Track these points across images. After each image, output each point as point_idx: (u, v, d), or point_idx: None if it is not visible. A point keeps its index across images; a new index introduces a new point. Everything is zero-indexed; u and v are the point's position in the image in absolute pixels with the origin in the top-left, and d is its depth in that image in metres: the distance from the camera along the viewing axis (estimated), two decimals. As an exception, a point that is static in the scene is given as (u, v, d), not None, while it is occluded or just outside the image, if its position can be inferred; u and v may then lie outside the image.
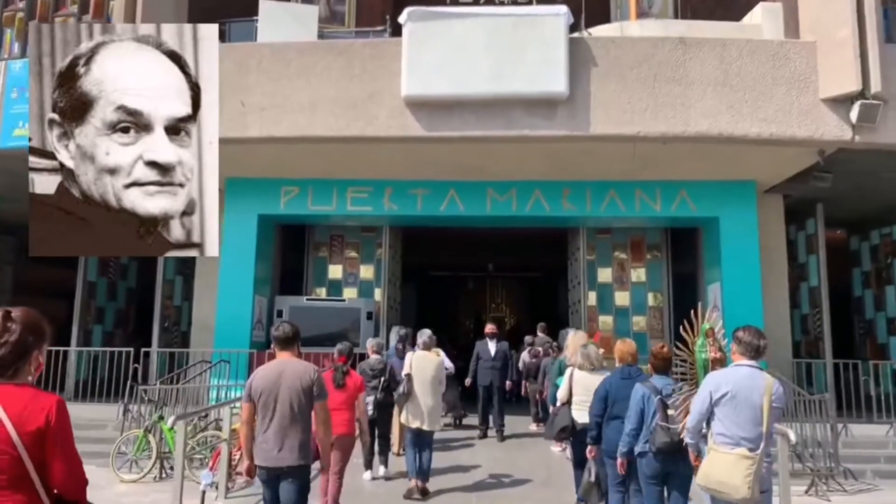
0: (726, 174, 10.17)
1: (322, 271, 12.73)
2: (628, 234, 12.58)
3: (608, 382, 5.19)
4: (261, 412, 4.15)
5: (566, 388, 6.09)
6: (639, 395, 4.50)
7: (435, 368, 6.87)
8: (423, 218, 10.98)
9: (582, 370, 5.99)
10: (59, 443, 2.09)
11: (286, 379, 4.13)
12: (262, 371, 4.26)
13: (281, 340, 4.32)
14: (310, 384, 4.16)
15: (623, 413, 4.89)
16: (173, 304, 12.21)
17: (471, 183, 10.53)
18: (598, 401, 5.13)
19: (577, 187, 10.50)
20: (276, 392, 4.10)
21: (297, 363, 4.25)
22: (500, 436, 9.32)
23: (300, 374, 4.16)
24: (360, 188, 10.66)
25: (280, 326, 4.43)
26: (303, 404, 4.13)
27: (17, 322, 2.15)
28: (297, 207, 10.71)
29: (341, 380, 5.79)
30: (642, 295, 12.46)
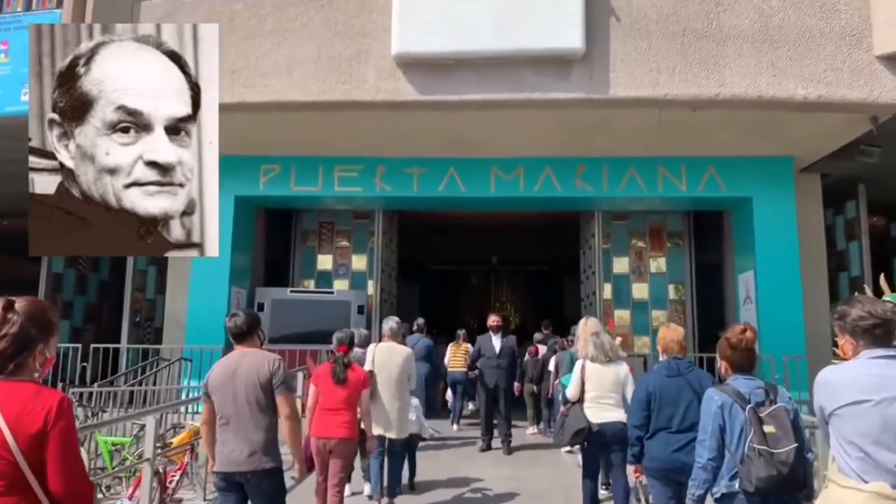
0: (761, 148, 9.00)
1: (310, 262, 11.64)
2: (647, 219, 11.47)
3: (650, 382, 4.02)
4: (218, 412, 3.70)
5: (577, 384, 5.23)
6: (715, 406, 2.97)
7: (402, 363, 5.71)
8: (419, 200, 9.83)
9: (594, 363, 5.18)
10: (58, 448, 1.92)
11: (242, 372, 3.68)
12: (217, 366, 3.82)
13: (235, 334, 3.81)
14: (268, 376, 3.66)
15: (671, 422, 3.83)
16: (145, 298, 11.11)
17: (472, 160, 9.39)
18: (639, 407, 4.02)
19: (592, 164, 9.35)
20: (233, 388, 3.66)
21: (254, 354, 3.76)
22: (506, 447, 8.01)
23: (257, 366, 3.68)
24: (348, 166, 9.53)
25: (232, 318, 3.85)
26: (262, 399, 3.65)
27: (18, 313, 2.01)
28: (278, 188, 9.58)
29: (342, 373, 4.88)
30: (662, 287, 11.35)
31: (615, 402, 5.12)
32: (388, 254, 11.47)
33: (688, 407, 3.81)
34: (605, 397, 5.12)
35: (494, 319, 8.50)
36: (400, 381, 5.66)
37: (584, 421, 5.06)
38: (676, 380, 3.88)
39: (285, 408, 3.66)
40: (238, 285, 9.86)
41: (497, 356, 8.18)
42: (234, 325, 3.78)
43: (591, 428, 5.05)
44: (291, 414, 3.69)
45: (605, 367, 5.18)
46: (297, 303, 10.06)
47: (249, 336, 3.80)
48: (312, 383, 4.98)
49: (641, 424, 3.96)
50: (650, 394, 3.94)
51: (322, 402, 4.87)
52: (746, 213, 9.40)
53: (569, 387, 5.45)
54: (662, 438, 3.84)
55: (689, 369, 3.93)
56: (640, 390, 4.02)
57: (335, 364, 4.93)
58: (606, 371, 5.17)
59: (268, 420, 3.64)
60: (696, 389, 3.82)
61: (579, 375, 5.24)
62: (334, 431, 4.76)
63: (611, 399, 5.12)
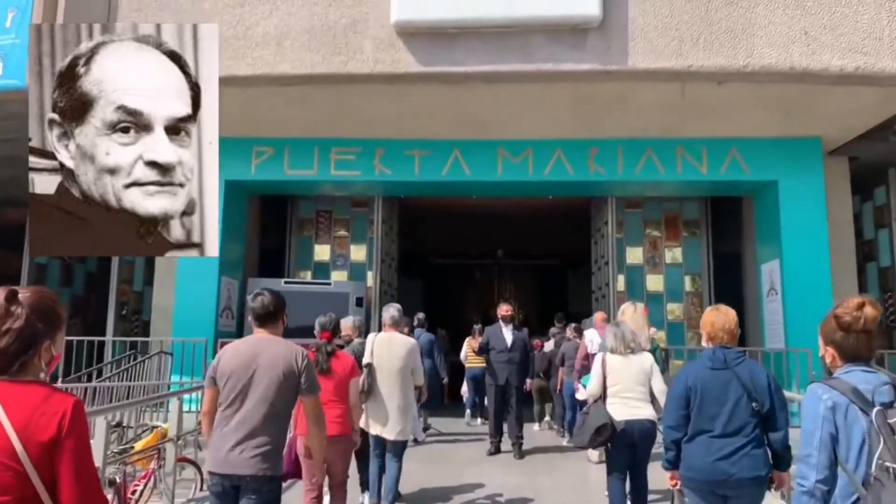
0: (787, 129, 8.39)
1: (307, 252, 11.06)
2: (662, 207, 10.87)
3: (690, 374, 3.36)
4: (224, 401, 3.22)
5: (597, 378, 4.83)
6: (823, 408, 2.13)
7: (404, 355, 5.11)
8: (421, 185, 9.23)
9: (615, 354, 4.79)
10: (73, 458, 1.72)
11: (264, 361, 3.23)
12: (232, 348, 3.34)
13: (259, 314, 3.35)
14: (295, 372, 3.24)
15: (714, 424, 3.19)
16: (132, 290, 10.53)
17: (478, 142, 8.79)
18: (675, 404, 3.36)
19: (606, 146, 8.74)
20: (249, 377, 3.20)
21: (279, 343, 3.31)
22: (517, 451, 7.18)
23: (284, 357, 3.24)
24: (345, 148, 8.93)
25: (257, 297, 3.39)
26: (283, 397, 3.23)
27: (23, 305, 1.80)
28: (271, 172, 8.99)
29: (326, 363, 4.39)
30: (678, 278, 10.75)
31: (641, 397, 4.70)
32: (388, 243, 10.88)
33: (735, 406, 3.19)
34: (629, 391, 4.69)
35: (505, 308, 7.62)
36: (402, 375, 5.07)
37: (605, 417, 4.61)
38: (722, 373, 3.23)
39: (312, 409, 3.34)
40: (229, 276, 9.29)
41: (508, 349, 7.32)
42: (259, 305, 3.33)
43: (614, 425, 4.60)
44: (317, 416, 3.36)
45: (626, 358, 4.77)
46: (291, 294, 9.25)
47: (274, 320, 3.35)
48: None
49: (678, 425, 3.32)
50: (689, 389, 3.28)
51: None
52: (771, 199, 8.78)
53: (589, 383, 4.99)
54: (703, 444, 3.21)
55: (738, 360, 3.27)
56: (678, 384, 3.37)
57: (318, 353, 4.40)
58: (629, 363, 4.76)
59: (281, 421, 3.27)
60: (746, 385, 3.20)
61: (600, 369, 4.82)
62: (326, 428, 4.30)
63: (636, 393, 4.69)
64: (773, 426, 3.19)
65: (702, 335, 3.48)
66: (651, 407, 4.73)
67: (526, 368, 7.52)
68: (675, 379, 3.42)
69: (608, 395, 4.75)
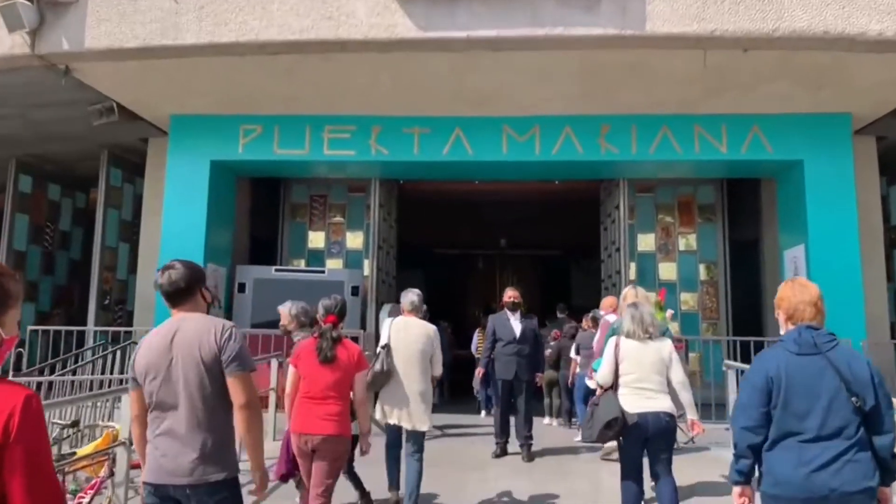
0: (814, 103, 7.78)
1: (300, 239, 10.51)
2: (675, 191, 10.30)
3: (771, 362, 2.64)
4: (150, 402, 2.70)
5: (609, 365, 4.36)
6: None
7: (424, 339, 4.81)
8: (420, 166, 8.64)
9: (631, 339, 4.32)
10: (24, 468, 1.44)
11: (180, 346, 2.67)
12: (146, 341, 2.80)
13: (168, 292, 2.75)
14: (213, 349, 2.65)
15: (805, 424, 2.52)
16: (116, 278, 9.97)
17: (481, 119, 8.19)
18: (753, 399, 2.63)
19: (619, 123, 8.13)
20: (168, 368, 2.67)
21: (195, 320, 2.73)
22: (526, 452, 6.43)
23: (198, 336, 2.67)
24: (339, 126, 8.34)
25: (165, 272, 2.77)
26: (208, 383, 2.65)
27: None
28: (259, 151, 8.40)
29: (330, 350, 3.88)
30: (692, 266, 10.19)
31: (658, 387, 4.26)
32: (387, 229, 10.30)
33: (832, 401, 2.52)
34: (645, 381, 4.24)
35: (511, 294, 6.76)
36: (421, 360, 4.78)
37: (616, 409, 4.17)
38: (813, 359, 2.57)
39: (240, 394, 2.65)
40: (216, 263, 8.72)
41: (517, 340, 6.53)
42: (167, 281, 2.72)
43: (625, 418, 4.15)
44: (248, 401, 2.67)
45: (644, 344, 4.29)
46: (282, 283, 8.90)
47: (189, 295, 2.75)
48: (292, 363, 4.01)
49: (757, 426, 2.61)
50: (771, 380, 2.59)
51: (305, 388, 3.90)
52: (796, 180, 8.18)
53: (600, 370, 4.49)
54: (793, 450, 2.52)
55: (830, 343, 2.61)
56: (756, 374, 2.67)
57: (320, 339, 3.90)
58: (646, 349, 4.29)
59: (219, 412, 2.67)
60: (843, 375, 2.54)
61: (612, 355, 4.35)
62: (319, 426, 3.80)
63: (653, 383, 4.25)
64: (878, 429, 2.53)
65: (778, 317, 2.82)
66: (669, 399, 4.28)
67: (536, 361, 6.74)
68: (750, 370, 2.77)
69: (620, 385, 4.30)
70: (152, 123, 8.83)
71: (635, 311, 4.40)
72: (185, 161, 8.37)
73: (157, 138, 9.19)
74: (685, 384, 4.43)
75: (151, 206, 9.15)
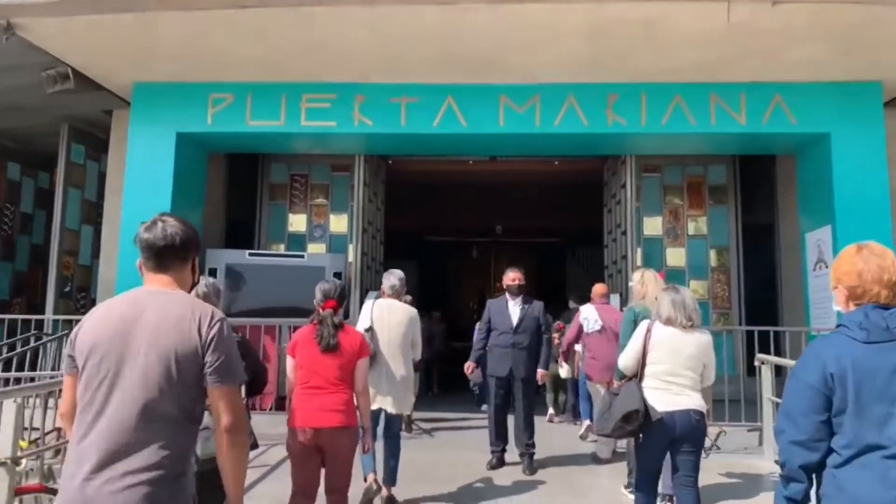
0: (842, 70, 7.04)
1: (280, 222, 9.74)
2: (684, 171, 9.59)
3: (829, 353, 1.97)
4: (82, 395, 1.96)
5: (635, 352, 3.88)
6: None
7: (407, 322, 4.76)
8: (409, 139, 7.84)
9: (670, 326, 3.80)
10: None
11: (147, 328, 1.97)
12: (102, 310, 2.07)
13: (159, 249, 2.11)
14: (195, 343, 1.98)
15: (884, 432, 1.84)
16: (78, 263, 9.16)
17: (476, 87, 7.41)
18: (805, 405, 1.96)
19: (628, 91, 7.37)
20: (121, 354, 1.95)
21: (176, 299, 2.06)
22: (527, 463, 5.50)
23: (178, 321, 1.99)
24: (318, 94, 7.53)
25: (156, 224, 2.14)
26: (178, 385, 1.96)
27: None
28: (231, 123, 7.59)
29: (333, 337, 3.63)
30: (702, 252, 9.51)
31: (690, 384, 3.78)
32: (373, 211, 9.53)
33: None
34: (676, 375, 3.75)
35: (513, 276, 5.78)
36: (403, 344, 4.71)
37: (637, 401, 3.68)
38: (886, 349, 1.90)
39: (226, 412, 1.99)
40: (184, 246, 7.92)
41: (514, 330, 5.58)
42: (160, 233, 2.09)
43: (647, 413, 3.65)
44: (235, 423, 2.00)
45: (684, 334, 3.79)
46: (257, 268, 8.15)
47: (180, 260, 2.14)
48: (289, 354, 3.76)
49: (813, 439, 1.93)
50: (832, 378, 1.92)
51: (303, 378, 3.63)
52: (821, 155, 7.44)
53: (623, 354, 4.02)
54: (876, 469, 1.84)
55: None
56: (809, 370, 1.98)
57: (320, 326, 3.64)
58: (685, 339, 3.78)
59: (177, 427, 1.95)
60: None
61: (641, 341, 3.87)
62: (325, 418, 3.50)
63: (686, 378, 3.77)
64: None
65: (835, 291, 2.10)
66: (700, 396, 3.81)
67: (538, 355, 5.65)
68: (801, 363, 2.03)
69: (646, 376, 3.81)
70: (115, 94, 8.01)
71: (676, 296, 3.87)
72: (149, 133, 7.57)
73: (122, 111, 8.37)
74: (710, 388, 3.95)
75: (115, 185, 8.34)
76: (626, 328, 4.70)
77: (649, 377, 3.79)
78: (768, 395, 5.79)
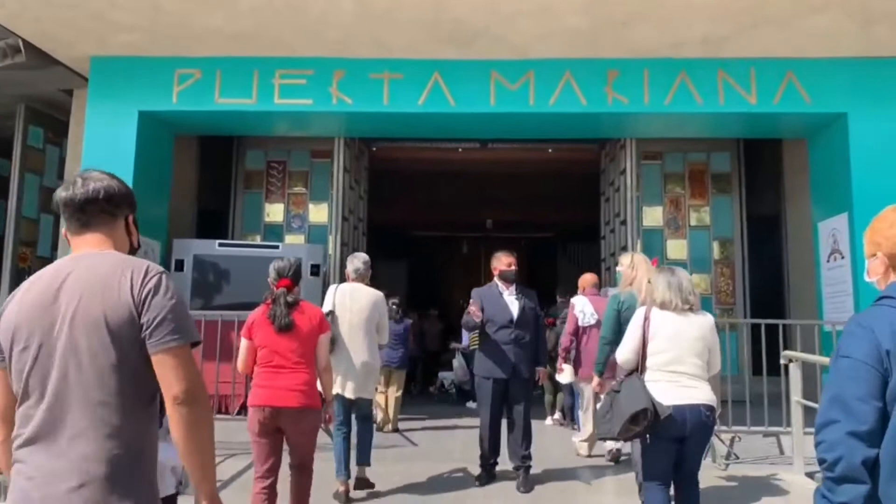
0: (861, 45, 6.51)
1: (256, 211, 9.13)
2: (685, 158, 9.06)
3: (882, 324, 1.52)
4: (18, 387, 1.65)
5: (634, 342, 3.50)
6: None
7: (370, 307, 4.62)
8: (392, 118, 7.22)
9: (666, 310, 3.46)
10: None
11: (70, 295, 1.63)
12: (22, 289, 1.72)
13: (80, 203, 1.76)
14: (127, 305, 1.63)
15: None
16: (35, 254, 8.50)
17: (465, 62, 6.82)
18: (860, 390, 1.51)
19: (630, 67, 6.80)
20: (45, 333, 1.63)
21: (102, 258, 1.71)
22: (523, 479, 4.72)
23: (104, 281, 1.64)
24: (293, 70, 6.92)
25: (77, 180, 1.79)
26: (111, 360, 1.61)
27: None
28: (198, 101, 6.97)
29: (286, 317, 3.58)
30: (705, 244, 9.00)
31: (697, 373, 3.40)
32: (354, 199, 8.93)
33: None
34: (681, 363, 3.38)
35: (509, 261, 5.03)
36: (366, 328, 4.57)
37: (644, 398, 3.28)
38: None
39: (174, 379, 1.64)
40: (148, 236, 7.28)
41: (514, 324, 4.84)
42: (79, 189, 1.76)
43: (656, 410, 3.24)
44: (188, 391, 1.64)
45: (683, 317, 3.44)
46: (227, 260, 7.53)
47: (107, 217, 1.79)
48: (243, 336, 3.68)
49: (871, 430, 1.49)
50: (887, 356, 1.50)
51: (264, 358, 3.58)
52: (836, 137, 6.90)
53: (622, 347, 3.61)
54: None
55: None
56: (860, 346, 1.54)
57: (274, 304, 3.59)
58: (685, 324, 3.43)
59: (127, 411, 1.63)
60: None
61: (639, 329, 3.49)
62: (285, 398, 3.49)
63: (691, 367, 3.39)
64: None
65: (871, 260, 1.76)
66: (709, 388, 3.45)
67: (538, 352, 4.96)
68: (847, 336, 1.59)
69: (648, 368, 3.43)
70: (74, 70, 7.38)
71: (671, 277, 3.52)
72: (108, 112, 6.94)
73: (84, 90, 7.73)
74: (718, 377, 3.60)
75: (74, 170, 7.71)
76: (609, 318, 4.39)
77: (652, 369, 3.40)
78: (797, 398, 5.19)
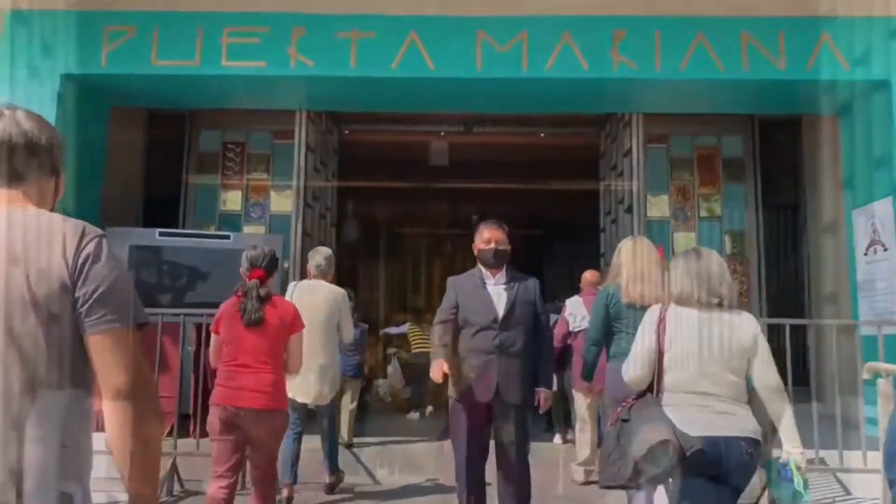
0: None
1: (210, 199, 8.09)
2: (693, 141, 8.14)
3: None
4: None
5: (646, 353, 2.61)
6: None
7: (331, 305, 4.47)
8: (360, 84, 6.17)
9: (686, 307, 2.58)
10: None
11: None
12: None
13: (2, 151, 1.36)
14: (61, 274, 1.27)
15: None
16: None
17: (447, 19, 5.85)
18: None
19: (639, 27, 5.84)
20: None
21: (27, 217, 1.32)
22: None
23: (30, 245, 1.28)
24: (244, 27, 5.90)
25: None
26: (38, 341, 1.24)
27: None
28: (131, 63, 5.93)
29: (256, 312, 3.27)
30: (715, 237, 8.10)
31: (732, 394, 2.54)
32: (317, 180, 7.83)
33: None
34: (710, 380, 2.52)
35: (490, 236, 3.79)
36: (325, 329, 4.44)
37: (665, 428, 2.43)
38: None
39: (114, 368, 1.27)
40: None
41: (500, 325, 3.47)
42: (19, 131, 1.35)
43: (684, 447, 2.39)
44: (129, 386, 1.27)
45: (710, 316, 2.55)
46: (170, 251, 6.46)
47: (28, 165, 1.37)
48: (212, 330, 3.43)
49: None
50: None
51: (229, 355, 3.33)
52: (876, 110, 5.99)
53: (628, 360, 2.72)
54: None
55: None
56: None
57: (245, 298, 3.32)
58: (714, 326, 2.54)
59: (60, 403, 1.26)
60: None
61: (653, 335, 2.60)
62: (248, 399, 3.23)
63: (724, 387, 2.53)
64: None
65: None
66: (750, 413, 2.56)
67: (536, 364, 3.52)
68: None
69: (666, 389, 2.57)
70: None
71: (695, 262, 2.65)
72: (25, 75, 5.88)
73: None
74: (779, 390, 2.58)
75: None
76: (595, 316, 3.62)
77: (671, 391, 2.56)
78: (883, 415, 4.03)
